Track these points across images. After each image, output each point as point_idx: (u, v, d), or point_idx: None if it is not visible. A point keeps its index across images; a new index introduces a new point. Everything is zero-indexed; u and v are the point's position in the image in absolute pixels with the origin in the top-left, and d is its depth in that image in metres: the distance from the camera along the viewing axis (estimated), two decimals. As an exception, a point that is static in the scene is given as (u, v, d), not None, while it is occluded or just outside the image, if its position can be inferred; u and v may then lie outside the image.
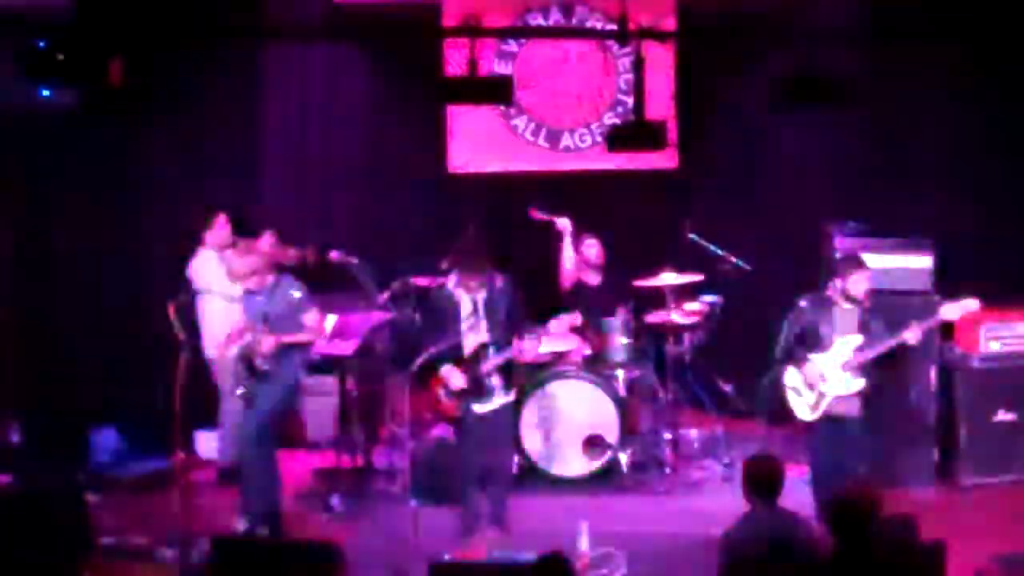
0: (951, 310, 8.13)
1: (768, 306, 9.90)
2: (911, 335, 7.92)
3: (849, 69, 9.70)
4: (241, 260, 8.18)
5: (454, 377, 8.09)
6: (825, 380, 8.04)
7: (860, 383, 8.02)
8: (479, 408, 8.15)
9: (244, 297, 8.34)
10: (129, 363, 10.04)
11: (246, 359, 8.21)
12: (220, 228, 9.14)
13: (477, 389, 8.14)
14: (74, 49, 7.01)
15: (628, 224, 10.79)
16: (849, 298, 8.03)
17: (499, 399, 8.20)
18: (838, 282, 8.06)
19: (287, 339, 8.16)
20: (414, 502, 7.89)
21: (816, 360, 8.05)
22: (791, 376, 8.17)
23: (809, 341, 8.11)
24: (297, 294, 8.27)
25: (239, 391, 8.23)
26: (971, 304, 8.12)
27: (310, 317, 8.27)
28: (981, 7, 9.56)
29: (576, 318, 8.72)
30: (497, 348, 8.09)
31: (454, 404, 8.18)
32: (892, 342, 7.94)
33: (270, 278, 8.25)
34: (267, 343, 8.11)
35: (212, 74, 10.31)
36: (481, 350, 8.10)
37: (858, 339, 8.01)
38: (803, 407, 8.14)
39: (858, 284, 8.00)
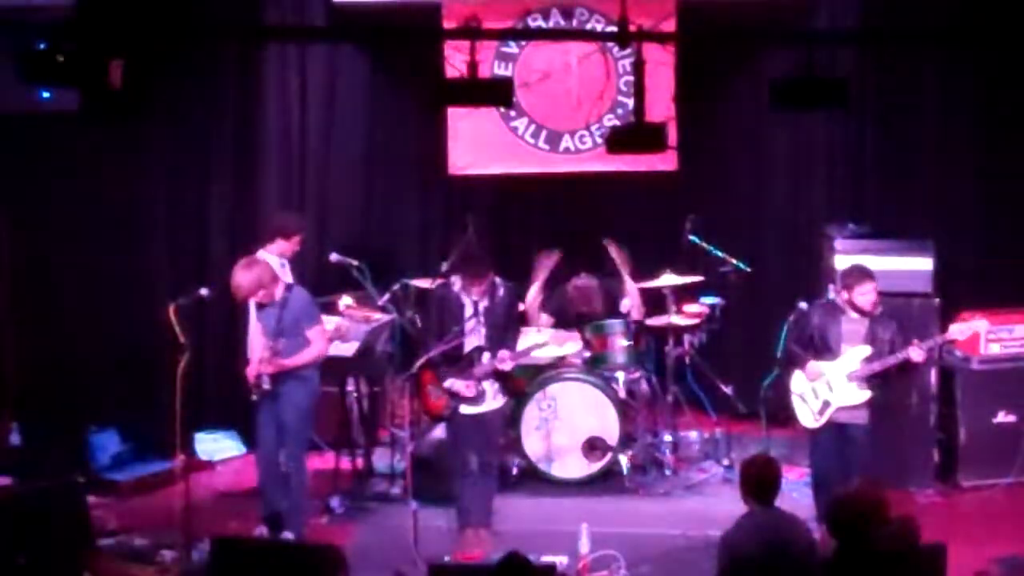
0: (960, 330, 8.11)
1: (768, 308, 9.95)
2: (915, 353, 7.88)
3: (849, 69, 9.70)
4: (247, 274, 8.07)
5: (458, 386, 8.09)
6: (832, 390, 8.01)
7: (866, 394, 7.99)
8: (467, 410, 8.15)
9: (258, 311, 8.26)
10: (129, 364, 10.03)
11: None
12: (296, 244, 9.02)
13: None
14: (74, 50, 6.99)
15: (628, 226, 10.79)
16: (856, 309, 8.01)
17: (489, 403, 8.21)
18: (845, 293, 8.03)
19: (290, 364, 8.04)
20: (414, 504, 7.88)
21: (822, 367, 8.03)
22: (798, 382, 8.15)
23: (816, 347, 8.08)
24: (306, 307, 8.17)
25: (253, 397, 8.18)
26: (980, 325, 8.12)
27: (315, 332, 8.15)
28: (981, 7, 9.56)
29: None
30: (491, 354, 8.10)
31: (442, 403, 8.19)
32: (897, 359, 7.91)
33: (280, 290, 8.17)
34: (267, 367, 8.02)
35: (212, 74, 10.31)
36: (476, 354, 8.11)
37: (867, 350, 7.97)
38: (808, 414, 8.11)
39: (865, 296, 7.96)
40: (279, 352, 7.99)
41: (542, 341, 8.89)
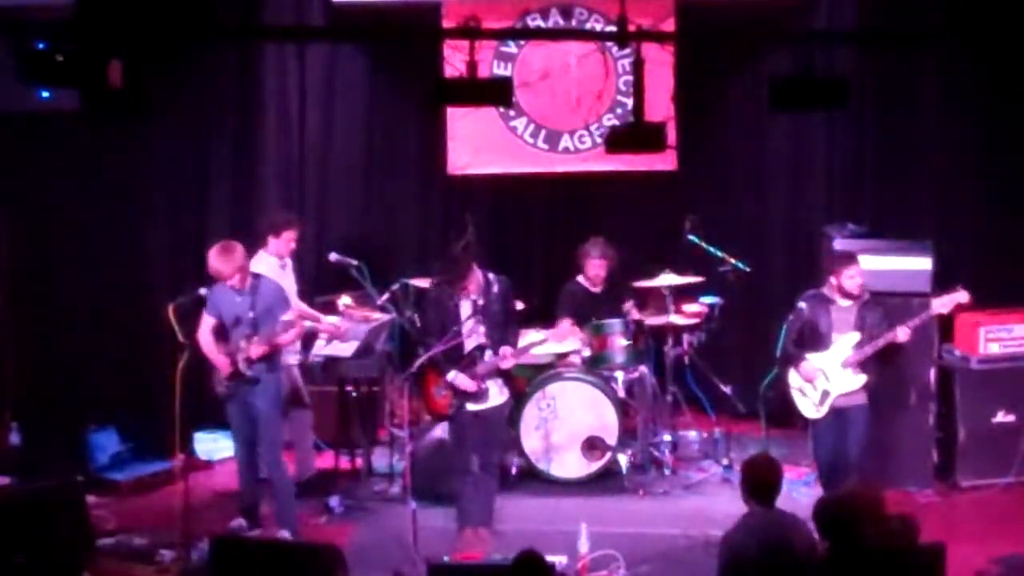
0: (941, 303, 8.22)
1: (767, 307, 9.95)
2: (902, 333, 8.03)
3: (848, 70, 9.70)
4: (225, 259, 8.08)
5: (460, 380, 8.09)
6: (828, 379, 8.12)
7: (863, 378, 8.13)
8: (472, 407, 8.16)
9: (225, 295, 8.18)
10: (129, 364, 10.04)
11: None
12: (289, 241, 9.06)
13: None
14: (74, 50, 6.99)
15: (627, 226, 10.79)
16: (845, 293, 8.11)
17: (494, 399, 8.21)
18: (833, 279, 8.16)
19: (283, 341, 8.13)
20: (413, 503, 7.89)
21: (815, 359, 8.13)
22: (795, 376, 8.26)
23: (809, 339, 8.20)
24: (278, 296, 8.23)
25: (219, 389, 8.20)
26: (960, 296, 8.18)
27: (287, 316, 8.18)
28: (980, 7, 9.56)
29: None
30: (492, 352, 8.10)
31: (447, 401, 8.19)
32: (885, 339, 8.04)
33: (250, 277, 8.20)
34: (256, 350, 8.04)
35: (212, 74, 10.32)
36: (477, 352, 8.11)
37: (856, 337, 8.09)
38: (809, 406, 8.24)
39: (852, 279, 8.10)
40: (272, 335, 8.05)
41: (541, 339, 8.88)
